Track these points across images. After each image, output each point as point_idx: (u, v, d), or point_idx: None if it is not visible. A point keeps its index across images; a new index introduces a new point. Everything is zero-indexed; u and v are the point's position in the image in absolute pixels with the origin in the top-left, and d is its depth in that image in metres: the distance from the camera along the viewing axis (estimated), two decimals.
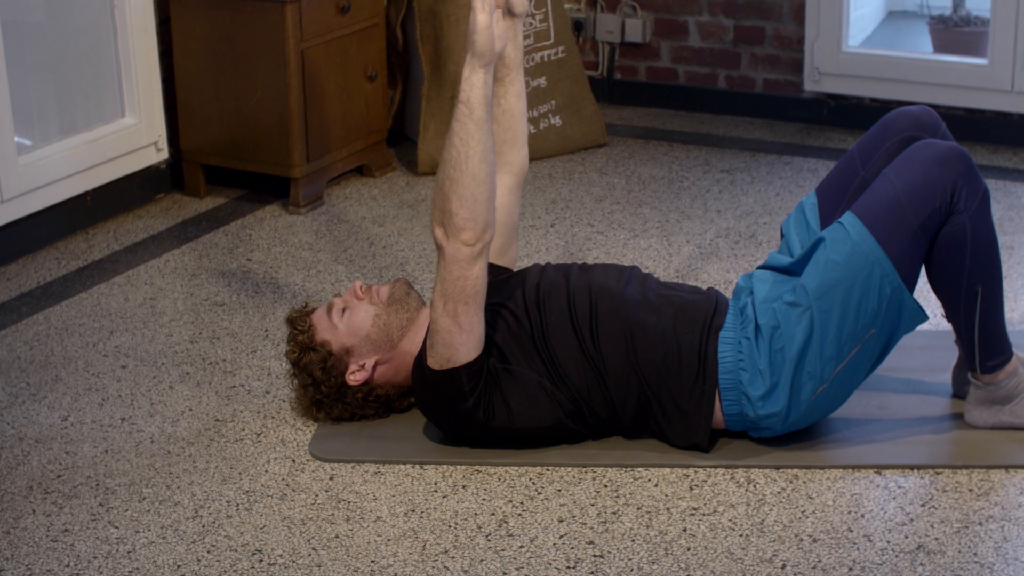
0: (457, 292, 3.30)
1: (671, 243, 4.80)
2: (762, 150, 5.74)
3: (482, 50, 3.30)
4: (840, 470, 3.39)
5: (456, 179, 3.26)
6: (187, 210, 5.20)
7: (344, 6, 5.20)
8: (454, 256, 3.28)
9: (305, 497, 3.34)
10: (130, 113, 5.12)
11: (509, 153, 3.79)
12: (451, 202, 3.26)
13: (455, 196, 3.26)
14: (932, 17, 6.46)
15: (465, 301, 3.31)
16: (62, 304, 4.44)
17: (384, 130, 5.56)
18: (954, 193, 3.33)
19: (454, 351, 3.34)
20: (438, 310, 3.33)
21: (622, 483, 3.36)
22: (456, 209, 3.26)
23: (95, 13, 5.00)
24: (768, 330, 3.37)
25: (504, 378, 3.41)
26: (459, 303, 3.31)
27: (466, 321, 3.32)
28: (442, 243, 3.30)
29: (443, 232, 3.28)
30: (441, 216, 3.28)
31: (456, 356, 3.34)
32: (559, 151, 5.74)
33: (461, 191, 3.26)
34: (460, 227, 3.27)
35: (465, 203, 3.26)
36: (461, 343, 3.33)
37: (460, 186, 3.26)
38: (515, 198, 3.82)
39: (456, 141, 3.27)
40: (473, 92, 3.29)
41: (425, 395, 3.45)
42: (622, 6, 6.30)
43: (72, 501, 3.36)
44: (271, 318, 4.29)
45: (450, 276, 3.30)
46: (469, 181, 3.26)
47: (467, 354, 3.34)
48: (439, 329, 3.34)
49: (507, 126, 3.78)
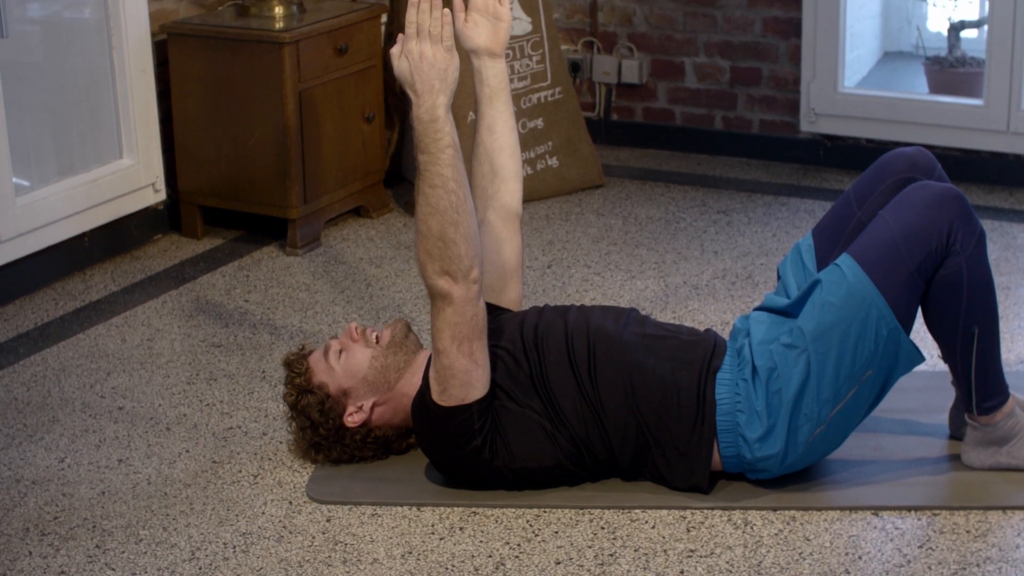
0: (471, 331, 3.29)
1: (668, 284, 4.81)
2: (759, 191, 5.75)
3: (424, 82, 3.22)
4: (837, 512, 3.39)
5: (459, 221, 3.24)
6: (185, 251, 5.21)
7: (342, 47, 5.22)
8: (465, 297, 3.26)
9: (302, 539, 3.34)
10: (128, 154, 5.13)
11: (503, 188, 3.77)
12: (458, 246, 3.23)
13: (460, 238, 3.23)
14: (928, 58, 6.48)
15: (479, 336, 3.31)
16: (59, 345, 4.44)
17: (381, 171, 5.58)
18: (950, 235, 3.34)
19: (471, 388, 3.33)
20: (452, 355, 3.30)
21: (619, 525, 3.36)
22: (464, 251, 3.24)
23: (93, 54, 5.01)
24: (765, 372, 3.37)
25: (506, 417, 3.41)
26: (474, 340, 3.30)
27: (481, 356, 3.32)
28: (450, 289, 3.26)
29: (450, 278, 3.24)
30: (446, 264, 3.24)
31: (472, 393, 3.34)
32: (556, 192, 5.75)
33: (465, 231, 3.24)
34: (469, 266, 3.25)
35: (470, 241, 3.24)
36: (478, 378, 3.33)
37: (463, 227, 3.24)
38: (513, 235, 3.78)
39: (452, 185, 3.24)
40: (452, 130, 3.24)
41: (432, 433, 3.43)
42: (619, 47, 6.32)
43: (69, 543, 3.35)
44: (268, 359, 4.29)
45: (463, 318, 3.28)
46: (468, 219, 3.25)
47: (482, 388, 3.35)
48: (456, 371, 3.32)
49: (497, 181, 3.76)
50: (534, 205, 5.63)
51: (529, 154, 5.72)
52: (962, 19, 6.49)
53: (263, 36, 5.05)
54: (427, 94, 3.22)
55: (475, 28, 3.75)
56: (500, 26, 3.74)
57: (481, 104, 3.77)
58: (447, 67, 3.22)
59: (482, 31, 3.75)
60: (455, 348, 3.30)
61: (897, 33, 7.12)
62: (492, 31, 3.75)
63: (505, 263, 3.77)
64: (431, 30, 3.22)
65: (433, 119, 3.22)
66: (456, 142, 3.25)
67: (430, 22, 3.22)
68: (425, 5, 3.19)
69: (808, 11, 5.90)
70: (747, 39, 6.09)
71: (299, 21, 5.16)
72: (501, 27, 3.74)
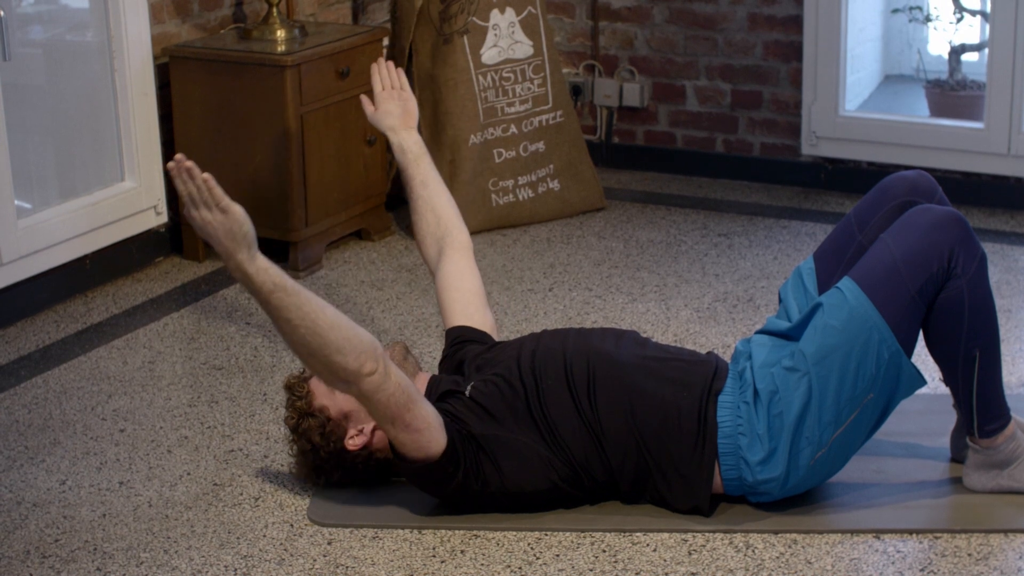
0: (396, 409, 3.30)
1: (669, 307, 4.81)
2: (760, 214, 5.76)
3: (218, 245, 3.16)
4: (839, 535, 3.39)
5: (323, 340, 3.19)
6: (186, 274, 5.21)
7: (343, 71, 5.23)
8: (372, 389, 3.26)
9: (303, 562, 3.34)
10: (130, 177, 5.14)
11: (451, 228, 3.95)
12: (336, 359, 3.20)
13: (333, 351, 3.19)
14: (929, 81, 6.49)
15: (407, 408, 3.30)
16: (61, 367, 4.44)
17: (383, 194, 5.58)
18: (951, 258, 3.34)
19: (427, 449, 3.35)
20: (391, 432, 3.34)
21: (620, 548, 3.36)
22: (344, 359, 3.21)
23: (95, 77, 5.02)
24: (767, 395, 3.37)
25: (495, 444, 3.41)
26: (404, 413, 3.30)
27: (419, 420, 3.32)
28: (354, 391, 3.28)
29: (346, 383, 3.26)
30: (337, 374, 3.24)
31: (431, 450, 3.35)
32: (557, 215, 5.76)
33: (334, 341, 3.19)
34: (358, 368, 3.22)
35: (343, 350, 3.20)
36: (428, 440, 3.34)
37: (330, 340, 3.19)
38: (470, 265, 3.92)
39: (296, 320, 3.16)
40: (275, 273, 3.16)
41: (415, 479, 3.46)
42: (620, 71, 6.34)
43: (70, 565, 3.35)
44: (269, 382, 4.30)
45: (380, 404, 3.29)
46: (330, 332, 3.20)
47: (439, 443, 3.35)
48: (404, 443, 3.35)
49: (444, 224, 3.96)
50: (535, 228, 5.64)
51: (530, 177, 5.72)
52: (963, 43, 6.49)
53: (265, 59, 5.05)
54: (227, 256, 3.16)
55: (386, 113, 4.11)
56: (408, 104, 4.10)
57: (409, 168, 4.04)
58: (230, 226, 3.13)
59: (393, 111, 4.10)
60: (391, 427, 3.33)
61: (898, 56, 7.13)
62: (401, 109, 4.10)
63: (469, 289, 3.87)
64: (202, 198, 3.16)
65: (244, 275, 3.16)
66: (283, 284, 3.16)
67: (195, 190, 3.17)
68: (186, 176, 3.14)
69: (809, 34, 5.91)
70: (748, 62, 6.10)
71: (301, 44, 5.17)
72: (409, 104, 4.10)
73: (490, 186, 5.64)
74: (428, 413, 3.34)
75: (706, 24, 6.14)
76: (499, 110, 5.68)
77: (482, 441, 3.41)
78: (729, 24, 6.09)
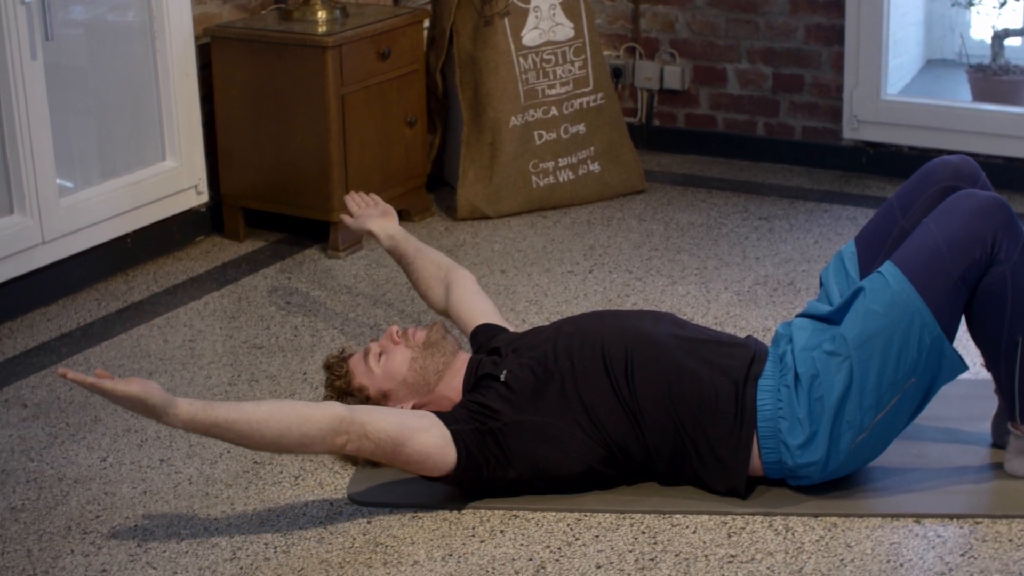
0: (388, 454, 3.35)
1: (709, 290, 4.80)
2: (801, 197, 5.74)
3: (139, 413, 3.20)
4: (879, 519, 3.38)
5: (283, 446, 3.26)
6: (227, 253, 5.23)
7: (384, 52, 5.23)
8: (354, 451, 3.34)
9: (343, 540, 3.35)
10: (171, 156, 5.15)
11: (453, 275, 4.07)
12: (307, 453, 3.48)
13: (299, 450, 3.28)
14: (971, 66, 6.46)
15: (398, 451, 3.34)
16: (102, 345, 4.46)
17: (423, 175, 5.59)
18: (994, 244, 3.32)
19: (439, 469, 3.38)
20: (396, 466, 3.45)
21: (660, 530, 3.36)
22: (312, 449, 3.30)
23: (137, 57, 5.04)
24: (807, 379, 3.36)
25: (530, 430, 3.41)
26: (398, 453, 3.35)
27: (417, 454, 3.35)
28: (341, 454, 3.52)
29: (332, 455, 3.54)
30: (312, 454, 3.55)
31: (443, 468, 3.38)
32: (597, 197, 5.75)
33: (295, 444, 3.25)
34: (329, 448, 3.31)
35: (306, 444, 3.26)
36: (435, 463, 3.37)
37: (289, 445, 3.25)
38: (477, 291, 4.03)
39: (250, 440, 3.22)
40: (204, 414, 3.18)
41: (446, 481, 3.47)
42: (661, 53, 6.32)
43: (110, 542, 3.37)
44: (309, 361, 4.31)
45: (370, 454, 3.37)
46: (286, 440, 3.24)
47: (447, 460, 3.37)
48: (414, 470, 3.41)
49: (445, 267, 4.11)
50: (575, 210, 5.64)
51: (571, 159, 5.72)
52: (1006, 27, 6.46)
53: (306, 40, 5.06)
54: (151, 419, 3.21)
55: (366, 216, 4.29)
56: (385, 206, 4.33)
57: (400, 246, 4.19)
58: (133, 401, 3.13)
59: (373, 214, 4.30)
60: (393, 463, 3.42)
61: (940, 41, 7.10)
62: (380, 213, 4.31)
63: (484, 309, 3.95)
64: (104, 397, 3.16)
65: (180, 425, 3.18)
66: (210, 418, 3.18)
67: (90, 392, 3.30)
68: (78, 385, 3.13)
69: (851, 18, 5.88)
70: (789, 46, 6.08)
71: (342, 25, 5.17)
72: (386, 207, 4.33)
73: (530, 168, 5.64)
74: (426, 442, 3.35)
75: (747, 7, 6.12)
76: (540, 92, 5.67)
77: (515, 428, 3.41)
78: (771, 7, 6.07)
